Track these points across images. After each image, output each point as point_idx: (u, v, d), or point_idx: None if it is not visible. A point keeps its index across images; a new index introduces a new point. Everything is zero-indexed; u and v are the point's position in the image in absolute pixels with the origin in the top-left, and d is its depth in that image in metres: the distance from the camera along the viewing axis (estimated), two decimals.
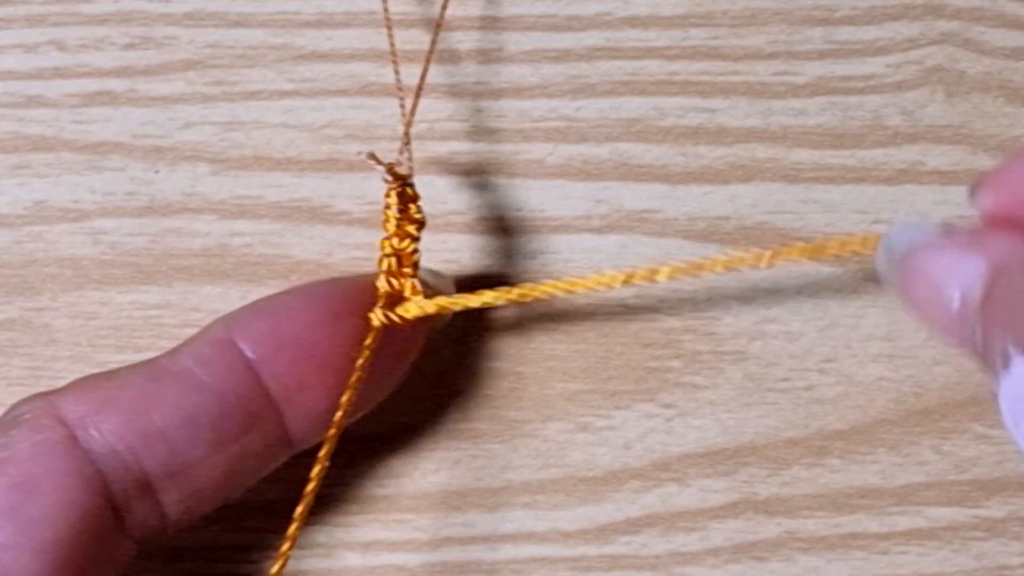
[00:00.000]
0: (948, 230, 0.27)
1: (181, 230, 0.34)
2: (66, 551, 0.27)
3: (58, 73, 0.34)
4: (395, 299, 0.31)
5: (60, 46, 0.34)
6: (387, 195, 0.31)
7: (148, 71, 0.34)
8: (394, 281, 0.30)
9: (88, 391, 0.29)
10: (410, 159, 0.31)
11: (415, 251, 0.31)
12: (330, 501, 0.33)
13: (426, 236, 0.31)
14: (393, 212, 0.31)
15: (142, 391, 0.28)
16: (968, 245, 0.27)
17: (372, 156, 0.30)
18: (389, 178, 0.31)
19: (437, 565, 0.33)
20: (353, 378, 0.29)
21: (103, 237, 0.34)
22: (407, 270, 0.31)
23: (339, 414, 0.29)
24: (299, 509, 0.29)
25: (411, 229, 0.31)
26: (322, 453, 0.29)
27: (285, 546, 0.28)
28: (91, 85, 0.34)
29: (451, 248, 0.34)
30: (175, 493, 0.29)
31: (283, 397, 0.29)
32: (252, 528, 0.33)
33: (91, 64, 0.34)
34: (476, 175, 0.34)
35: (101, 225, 0.34)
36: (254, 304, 0.30)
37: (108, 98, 0.34)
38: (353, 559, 0.33)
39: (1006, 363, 0.24)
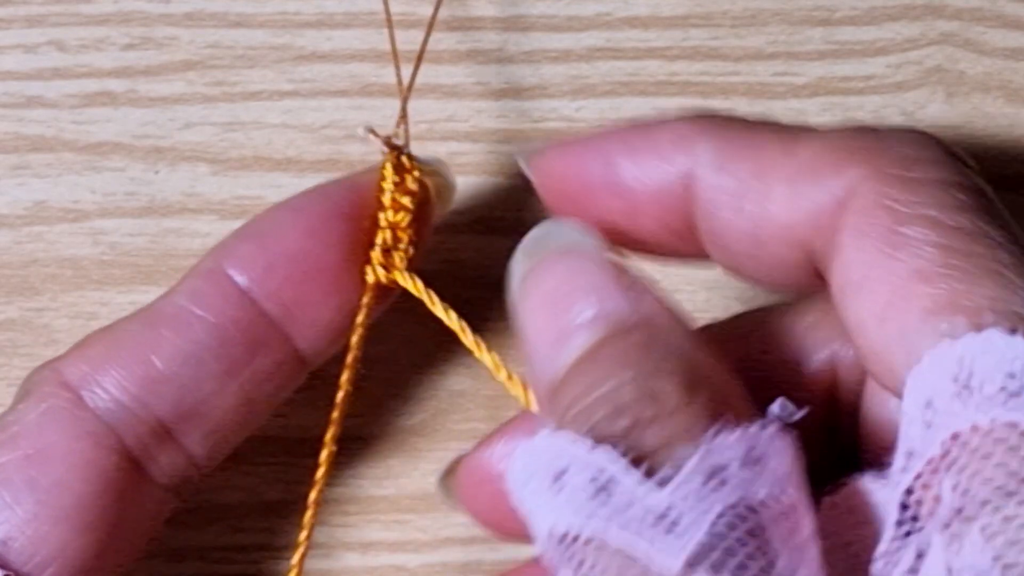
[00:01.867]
0: (613, 252, 0.26)
1: (181, 230, 0.34)
2: (90, 513, 0.27)
3: (58, 73, 0.34)
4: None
5: (60, 46, 0.34)
6: (382, 167, 0.30)
7: (148, 71, 0.34)
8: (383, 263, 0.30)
9: (87, 349, 0.29)
10: (406, 130, 0.31)
11: (410, 225, 0.30)
12: (330, 501, 0.33)
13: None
14: (388, 184, 0.30)
15: (139, 339, 0.28)
16: (631, 283, 0.25)
17: (371, 131, 0.30)
18: (386, 150, 0.30)
19: (437, 565, 0.33)
20: (355, 337, 0.29)
21: (103, 237, 0.34)
22: (401, 246, 0.30)
23: (336, 415, 0.30)
24: (307, 515, 0.29)
25: (406, 201, 0.30)
26: (323, 456, 0.29)
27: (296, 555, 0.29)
28: (91, 85, 0.34)
29: (451, 248, 0.34)
30: (195, 433, 0.29)
31: (283, 316, 0.29)
32: (252, 528, 0.33)
33: (91, 64, 0.34)
34: (476, 175, 0.34)
35: (101, 225, 0.34)
36: (241, 228, 0.30)
37: (108, 98, 0.34)
38: (353, 559, 0.33)
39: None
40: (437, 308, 0.30)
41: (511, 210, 0.34)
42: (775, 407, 0.24)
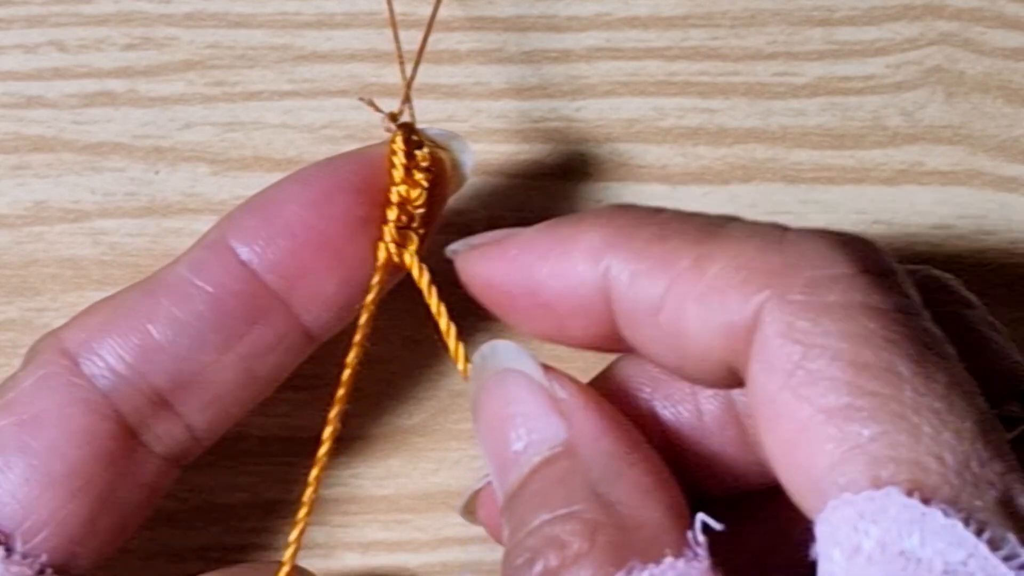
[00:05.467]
0: (550, 375, 0.27)
1: (181, 231, 0.34)
2: (81, 479, 0.27)
3: (58, 74, 0.34)
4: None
5: (60, 47, 0.34)
6: (392, 141, 0.30)
7: (148, 72, 0.34)
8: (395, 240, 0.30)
9: (88, 317, 0.29)
10: (412, 117, 0.31)
11: (422, 203, 0.30)
12: (330, 501, 0.33)
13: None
14: (400, 158, 0.30)
15: (137, 307, 0.28)
16: (559, 404, 0.26)
17: (371, 103, 0.30)
18: (392, 127, 0.30)
19: (437, 565, 0.33)
20: (363, 317, 0.29)
21: (103, 238, 0.34)
22: (414, 224, 0.30)
23: (335, 410, 0.30)
24: (300, 513, 0.29)
25: (419, 177, 0.30)
26: (321, 452, 0.29)
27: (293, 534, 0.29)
28: (91, 86, 0.34)
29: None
30: (193, 402, 0.29)
31: (285, 288, 0.29)
32: (252, 528, 0.33)
33: (91, 64, 0.34)
34: (476, 175, 0.34)
35: (101, 226, 0.34)
36: (249, 200, 0.30)
37: (108, 98, 0.34)
38: (353, 559, 0.33)
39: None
40: (432, 301, 0.30)
41: (511, 210, 0.34)
42: (693, 530, 0.24)
